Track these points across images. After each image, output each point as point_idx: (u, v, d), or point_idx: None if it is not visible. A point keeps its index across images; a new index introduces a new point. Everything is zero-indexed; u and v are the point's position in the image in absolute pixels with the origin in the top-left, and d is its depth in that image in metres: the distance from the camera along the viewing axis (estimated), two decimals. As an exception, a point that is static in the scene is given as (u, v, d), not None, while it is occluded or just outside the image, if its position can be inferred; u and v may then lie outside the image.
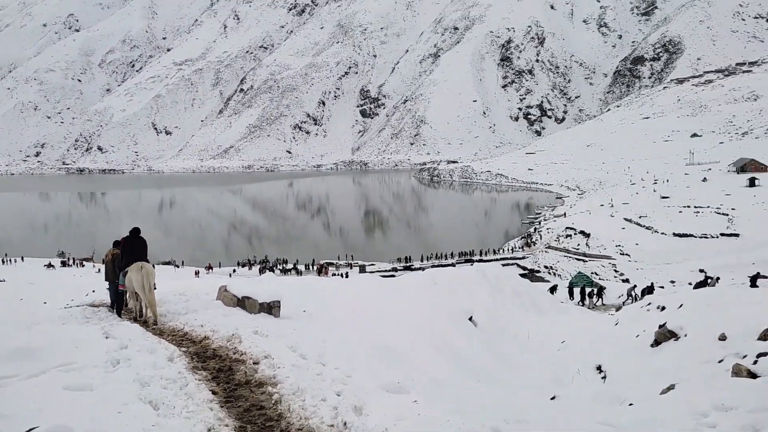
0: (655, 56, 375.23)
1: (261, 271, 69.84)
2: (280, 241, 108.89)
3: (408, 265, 74.85)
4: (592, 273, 60.85)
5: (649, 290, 30.40)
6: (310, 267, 70.87)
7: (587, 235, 79.11)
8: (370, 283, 13.89)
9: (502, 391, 6.31)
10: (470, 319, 11.48)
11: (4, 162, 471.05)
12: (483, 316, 12.11)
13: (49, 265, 63.94)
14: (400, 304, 11.09)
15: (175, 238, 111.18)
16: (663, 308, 10.09)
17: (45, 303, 28.66)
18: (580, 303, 28.62)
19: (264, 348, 6.68)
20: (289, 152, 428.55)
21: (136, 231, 11.32)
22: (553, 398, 6.54)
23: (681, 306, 9.57)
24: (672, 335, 8.12)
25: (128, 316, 10.61)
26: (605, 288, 31.19)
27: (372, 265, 75.66)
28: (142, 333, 7.76)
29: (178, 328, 8.71)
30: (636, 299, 29.09)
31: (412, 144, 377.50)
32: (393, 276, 69.18)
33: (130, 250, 10.88)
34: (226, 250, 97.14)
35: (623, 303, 28.62)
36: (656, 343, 8.34)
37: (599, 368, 8.40)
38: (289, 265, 72.08)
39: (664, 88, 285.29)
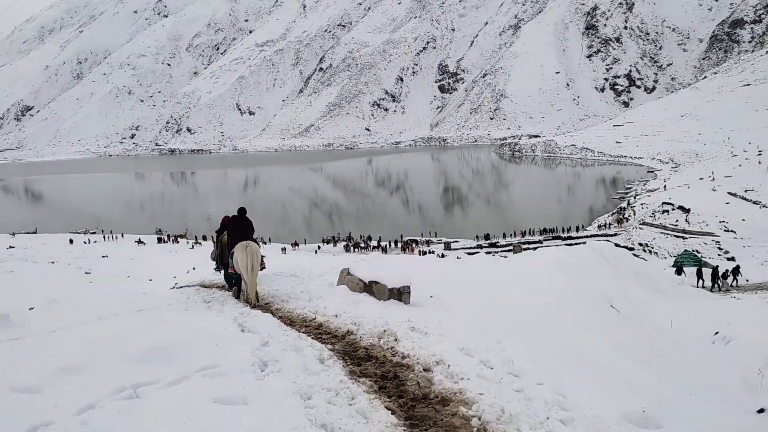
0: (756, 18, 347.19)
1: (346, 248, 70.19)
2: (360, 218, 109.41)
3: (494, 242, 73.15)
4: (693, 251, 56.97)
5: (733, 272, 27.59)
6: (392, 244, 70.59)
7: (687, 211, 74.28)
8: (487, 265, 12.86)
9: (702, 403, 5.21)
10: (612, 306, 10.31)
11: (103, 144, 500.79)
12: (622, 301, 10.86)
13: (140, 242, 66.68)
14: (534, 288, 10.02)
15: (259, 215, 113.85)
16: None
17: (150, 280, 29.72)
18: (713, 285, 25.90)
19: (431, 350, 5.71)
20: (368, 129, 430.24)
21: (242, 211, 10.99)
22: (761, 411, 5.38)
23: None
24: None
25: (243, 298, 10.18)
26: (740, 266, 28.09)
27: (456, 242, 74.43)
28: (278, 325, 7.06)
29: (308, 317, 7.93)
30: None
31: (492, 119, 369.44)
32: (478, 253, 67.96)
33: (236, 230, 10.59)
34: (308, 227, 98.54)
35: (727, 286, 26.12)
36: None
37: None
38: (373, 242, 72.02)
39: (767, 52, 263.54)
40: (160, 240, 70.71)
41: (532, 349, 6.07)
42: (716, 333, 10.00)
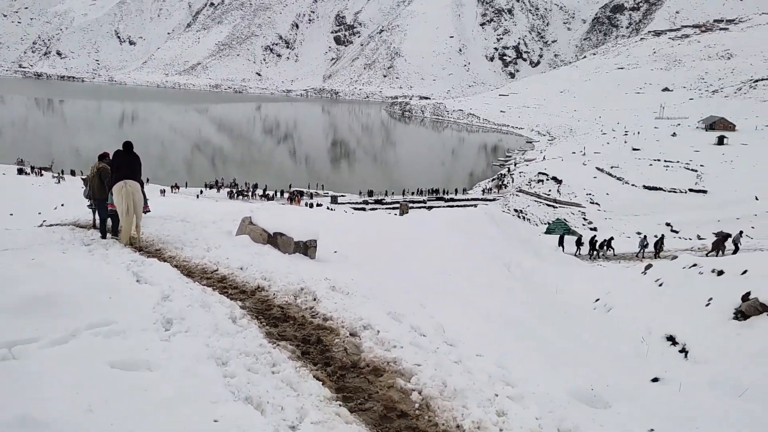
0: (635, 6, 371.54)
1: (230, 195, 68.00)
2: (245, 164, 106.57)
3: (379, 199, 74.01)
4: (563, 220, 60.97)
5: (607, 243, 29.86)
6: (279, 194, 69.34)
7: (559, 182, 79.11)
8: (385, 222, 12.69)
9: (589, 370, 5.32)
10: (508, 270, 10.53)
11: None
12: (515, 266, 11.14)
13: None
14: (436, 248, 9.96)
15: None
16: (721, 273, 9.24)
17: (11, 215, 26.85)
18: (590, 253, 27.58)
19: (356, 313, 5.26)
20: (259, 74, 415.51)
21: (128, 145, 9.91)
22: (655, 380, 5.61)
23: (745, 272, 8.76)
24: (765, 309, 7.28)
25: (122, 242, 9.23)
26: (613, 238, 30.02)
27: (342, 196, 74.54)
28: (178, 276, 6.27)
29: (209, 268, 7.18)
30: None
31: (385, 76, 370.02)
32: (363, 209, 68.56)
33: (121, 166, 9.55)
34: (189, 170, 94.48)
35: (636, 255, 28.10)
36: (743, 316, 7.49)
37: (671, 340, 7.50)
38: (259, 191, 70.30)
39: (641, 39, 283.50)
40: (21, 171, 64.50)
41: (457, 314, 5.91)
42: (597, 300, 10.60)
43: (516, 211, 73.51)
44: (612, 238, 29.82)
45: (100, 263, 6.64)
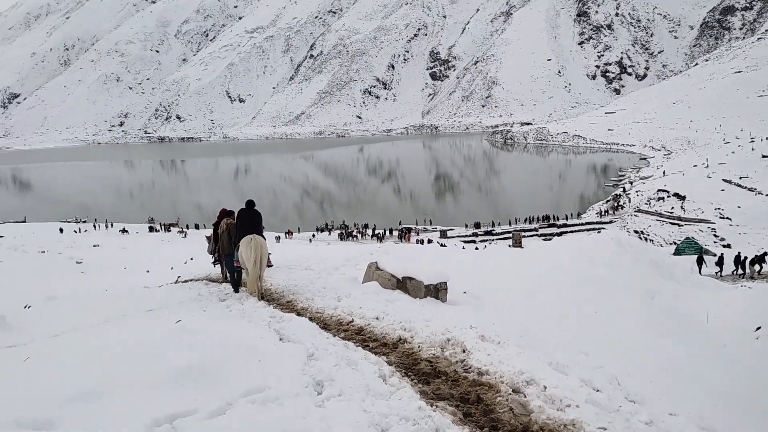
0: (747, 5, 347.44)
1: (341, 237, 69.54)
2: (352, 206, 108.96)
3: (489, 230, 72.75)
4: (692, 238, 56.75)
5: (760, 259, 26.96)
6: (388, 232, 69.97)
7: (682, 198, 74.16)
8: (507, 256, 12.20)
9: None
10: (653, 300, 9.70)
11: (91, 132, 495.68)
12: (662, 297, 10.24)
13: (123, 231, 65.52)
14: (572, 283, 9.32)
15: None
16: None
17: (148, 272, 28.91)
18: (735, 271, 25.21)
19: (514, 365, 4.78)
20: (359, 117, 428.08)
21: (250, 203, 10.46)
22: None
23: None
24: None
25: (252, 293, 9.52)
26: (767, 253, 27.16)
27: (451, 230, 74.03)
28: (317, 331, 6.23)
29: (344, 320, 7.10)
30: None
31: (483, 106, 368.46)
32: (473, 242, 67.60)
33: (245, 223, 10.06)
34: (300, 215, 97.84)
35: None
36: None
37: None
38: (369, 231, 71.38)
39: (758, 39, 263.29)
40: (151, 229, 69.67)
41: (625, 362, 5.29)
42: (758, 328, 9.46)
43: (636, 232, 69.50)
44: (766, 253, 26.95)
45: (242, 322, 6.72)
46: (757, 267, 25.93)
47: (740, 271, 25.49)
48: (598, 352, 5.59)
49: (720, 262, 27.02)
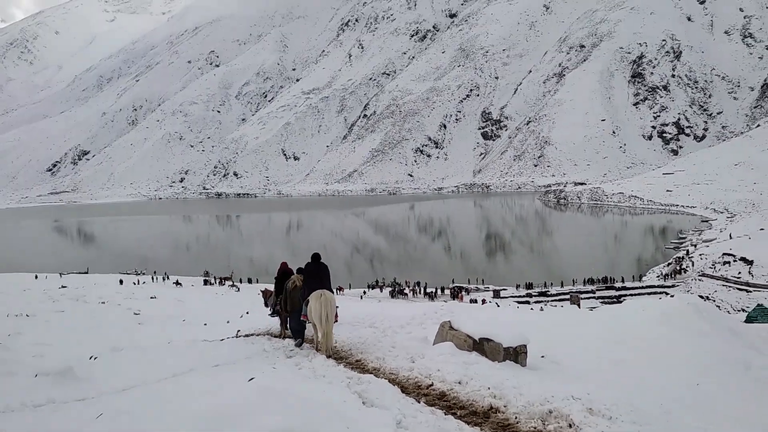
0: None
1: (391, 294, 68.92)
2: (401, 263, 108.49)
3: (543, 291, 70.91)
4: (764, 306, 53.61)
5: None
6: (439, 291, 69.02)
7: (750, 262, 70.66)
8: (575, 317, 11.57)
9: None
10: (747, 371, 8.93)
11: (153, 187, 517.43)
12: (759, 368, 9.43)
13: (177, 283, 66.76)
14: (653, 348, 8.69)
15: (301, 259, 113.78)
16: None
17: (205, 325, 29.13)
18: None
19: None
20: (411, 175, 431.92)
21: (316, 257, 10.30)
22: None
23: None
24: None
25: (321, 350, 9.27)
26: None
27: (504, 289, 72.52)
28: (401, 395, 5.92)
29: (422, 383, 6.72)
30: None
31: (536, 166, 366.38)
32: (528, 303, 65.75)
33: (312, 277, 9.86)
34: (350, 272, 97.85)
35: None
36: None
37: None
38: (423, 289, 70.60)
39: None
40: (206, 282, 70.86)
41: None
42: None
43: (702, 297, 66.20)
44: None
45: (321, 383, 6.41)
46: None
47: None
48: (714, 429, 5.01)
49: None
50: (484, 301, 52.10)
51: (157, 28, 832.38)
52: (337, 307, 10.75)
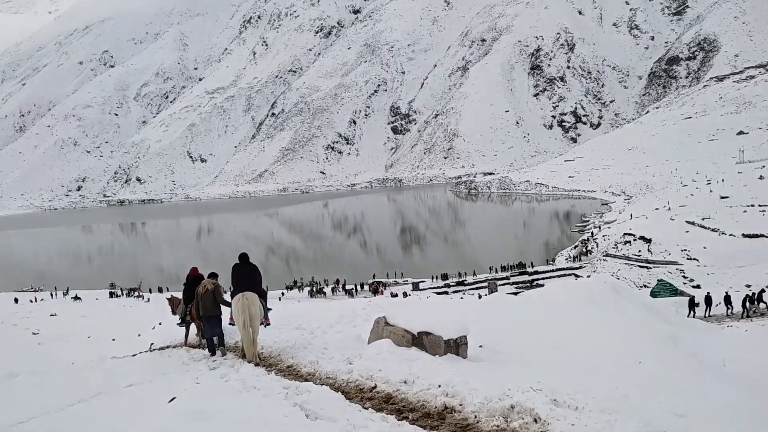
0: (691, 55, 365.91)
1: (310, 294, 67.97)
2: (318, 261, 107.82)
3: (461, 281, 72.16)
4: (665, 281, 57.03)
5: (758, 298, 26.78)
6: (359, 287, 68.77)
7: (648, 241, 75.12)
8: (507, 305, 11.33)
9: None
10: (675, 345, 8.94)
11: (47, 197, 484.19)
12: (681, 341, 9.49)
13: (76, 297, 63.05)
14: (588, 330, 8.47)
15: (214, 264, 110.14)
16: None
17: (113, 340, 27.06)
18: (744, 311, 24.78)
19: None
20: (323, 173, 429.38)
21: (243, 257, 9.45)
22: None
23: None
24: None
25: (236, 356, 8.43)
26: (765, 291, 26.79)
27: (423, 282, 73.29)
28: (346, 403, 5.14)
29: (364, 385, 5.95)
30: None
31: (445, 158, 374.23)
32: (446, 293, 66.71)
33: (239, 278, 9.02)
34: (266, 273, 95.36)
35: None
36: None
37: None
38: (339, 286, 70.01)
39: (704, 86, 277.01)
40: (112, 294, 66.93)
41: (719, 425, 4.46)
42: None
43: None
44: (763, 291, 26.68)
45: (255, 397, 5.57)
46: (762, 305, 25.68)
47: (731, 311, 25.30)
48: (692, 413, 4.70)
49: (708, 302, 26.80)
50: (405, 295, 52.19)
51: (43, 28, 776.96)
52: (269, 309, 9.98)
